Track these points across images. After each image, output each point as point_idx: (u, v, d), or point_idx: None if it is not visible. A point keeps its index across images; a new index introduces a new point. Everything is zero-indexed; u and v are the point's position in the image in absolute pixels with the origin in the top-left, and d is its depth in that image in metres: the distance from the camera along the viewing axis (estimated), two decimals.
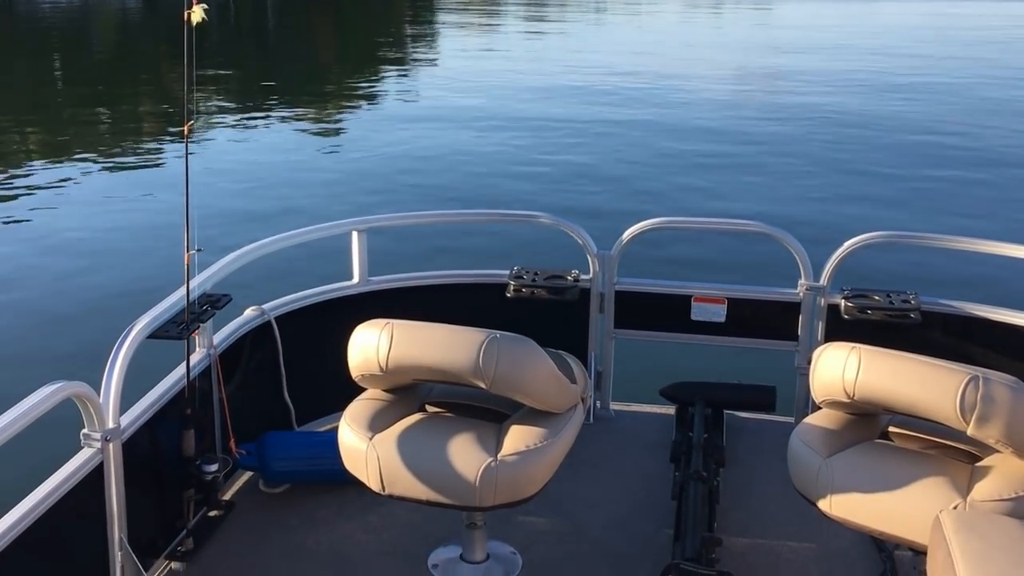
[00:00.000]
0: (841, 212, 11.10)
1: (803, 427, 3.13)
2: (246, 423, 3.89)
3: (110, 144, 15.34)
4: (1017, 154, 14.43)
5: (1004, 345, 4.05)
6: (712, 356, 5.09)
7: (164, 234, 9.67)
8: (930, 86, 20.60)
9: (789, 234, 4.26)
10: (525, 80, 20.89)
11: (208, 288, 3.68)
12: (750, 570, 3.40)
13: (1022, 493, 2.77)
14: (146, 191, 12.18)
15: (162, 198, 11.61)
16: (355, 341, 3.15)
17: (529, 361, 3.01)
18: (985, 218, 11.03)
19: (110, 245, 9.87)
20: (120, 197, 11.93)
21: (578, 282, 4.38)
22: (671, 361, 5.54)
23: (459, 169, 13.26)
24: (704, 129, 15.99)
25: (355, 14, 33.82)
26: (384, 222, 4.45)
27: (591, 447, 4.18)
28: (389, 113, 17.83)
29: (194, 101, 3.23)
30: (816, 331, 4.24)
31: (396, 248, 8.34)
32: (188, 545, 3.44)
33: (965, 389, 2.72)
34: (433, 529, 3.61)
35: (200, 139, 15.43)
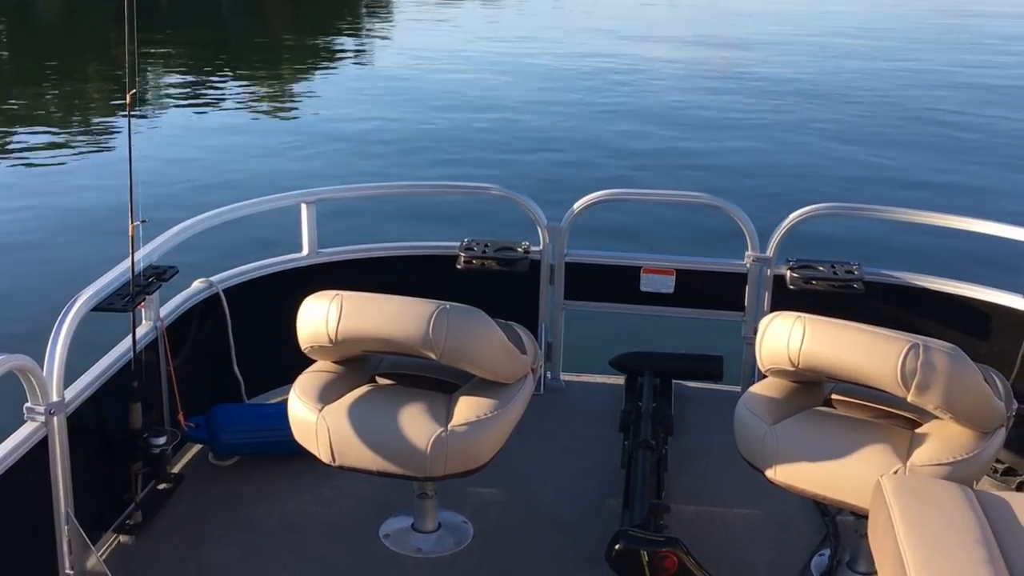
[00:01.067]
0: (788, 184, 11.22)
1: (749, 395, 3.18)
2: (195, 396, 3.86)
3: (54, 116, 15.05)
4: (962, 126, 14.66)
5: (944, 314, 4.14)
6: (661, 327, 5.14)
7: (110, 206, 9.51)
8: (881, 60, 20.82)
9: (736, 206, 4.30)
10: (479, 55, 20.77)
11: (155, 260, 3.64)
12: (698, 536, 3.46)
13: (960, 457, 2.85)
14: (92, 164, 11.97)
15: (108, 170, 11.41)
16: (304, 313, 3.14)
17: (479, 332, 3.02)
18: (928, 190, 11.22)
19: (54, 218, 9.70)
20: (65, 169, 11.71)
21: (528, 254, 4.39)
22: (621, 332, 5.58)
23: (410, 142, 13.18)
24: (656, 102, 16.03)
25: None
26: (333, 194, 4.43)
27: (542, 417, 4.21)
28: (341, 87, 17.64)
29: (136, 70, 3.16)
30: (762, 301, 4.30)
31: (346, 220, 8.29)
32: (136, 518, 3.43)
33: (906, 357, 2.78)
34: (384, 500, 3.63)
35: (149, 112, 15.17)
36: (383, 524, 3.50)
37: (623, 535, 3.07)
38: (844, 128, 14.36)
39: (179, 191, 10.40)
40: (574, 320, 4.59)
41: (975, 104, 16.15)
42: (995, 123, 14.83)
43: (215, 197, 4.29)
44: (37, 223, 9.61)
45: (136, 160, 3.27)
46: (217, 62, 20.15)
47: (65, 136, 13.58)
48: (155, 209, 3.37)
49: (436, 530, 3.44)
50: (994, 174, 11.99)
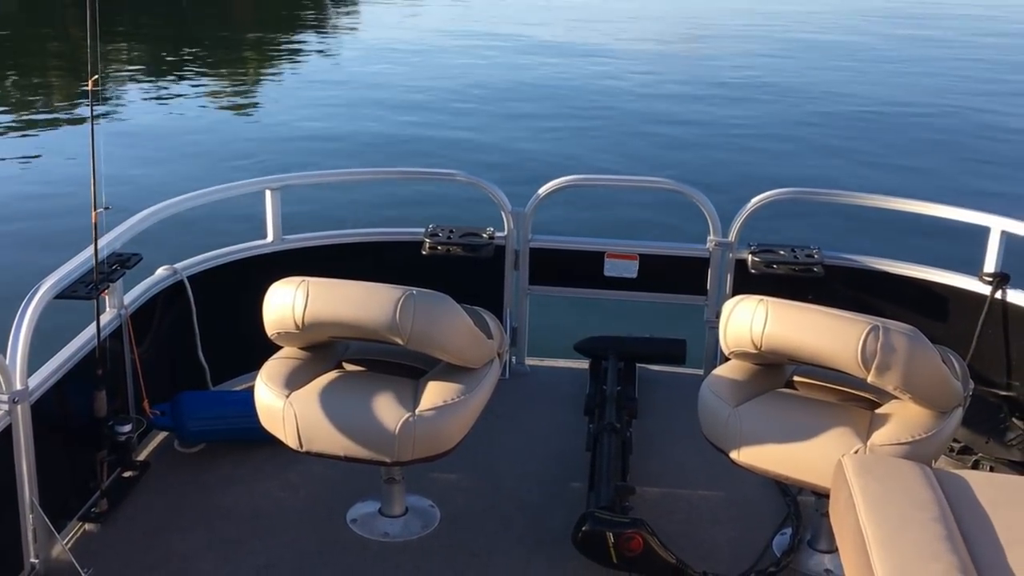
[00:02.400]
0: (751, 169, 11.31)
1: (712, 378, 3.22)
2: (160, 383, 3.85)
3: (13, 103, 14.80)
4: (919, 112, 14.84)
5: (902, 296, 4.21)
6: (625, 311, 5.18)
7: (73, 194, 9.39)
8: (843, 51, 21.00)
9: (698, 191, 4.34)
10: (444, 45, 20.65)
11: (118, 247, 3.62)
12: (662, 516, 3.51)
13: (919, 437, 2.90)
14: (54, 150, 11.81)
15: (70, 159, 11.26)
16: (270, 299, 3.14)
17: (446, 317, 3.03)
18: (886, 174, 11.36)
19: (15, 205, 9.55)
20: (27, 156, 11.54)
21: (493, 239, 4.41)
22: (585, 316, 5.62)
23: (376, 129, 13.12)
24: (619, 89, 16.06)
25: None
26: (298, 180, 4.42)
27: (507, 402, 4.24)
28: (307, 74, 17.50)
29: (99, 55, 3.14)
30: (724, 286, 4.35)
31: (311, 207, 8.25)
32: (102, 506, 3.41)
33: (866, 338, 2.83)
34: (351, 485, 3.64)
35: (112, 99, 14.96)
36: (350, 509, 3.51)
37: (589, 517, 3.10)
38: (805, 114, 14.49)
39: (141, 180, 10.29)
40: (539, 305, 4.62)
41: (935, 93, 16.34)
42: (954, 112, 15.03)
43: (178, 186, 4.27)
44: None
45: (99, 147, 3.25)
46: (179, 51, 19.89)
47: (25, 124, 13.37)
48: (118, 197, 3.35)
49: (403, 514, 3.46)
50: (950, 161, 12.15)
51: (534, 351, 4.66)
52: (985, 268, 4.04)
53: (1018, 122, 14.34)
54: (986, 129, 13.87)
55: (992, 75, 18.26)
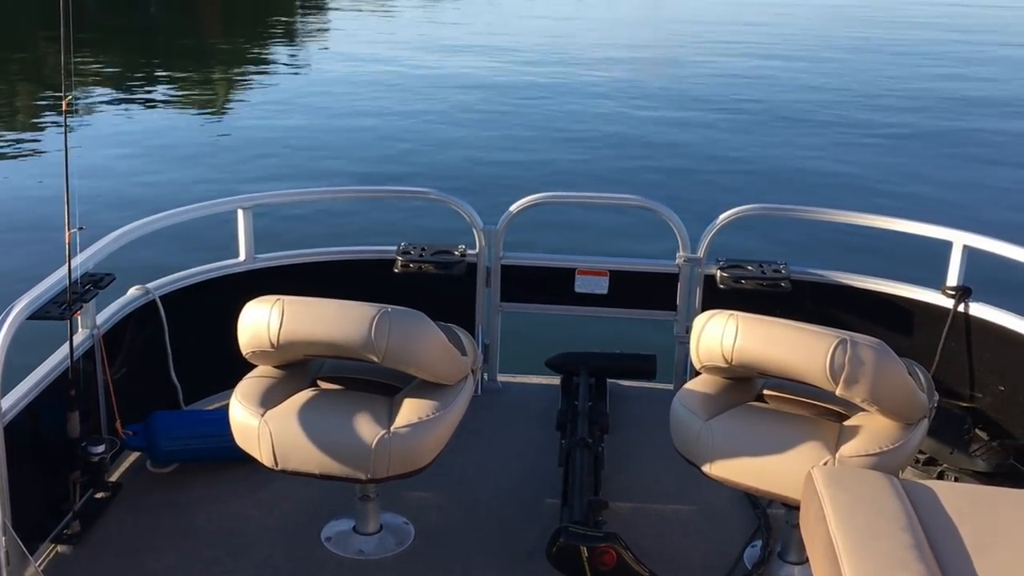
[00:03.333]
0: (719, 186, 11.42)
1: (684, 392, 3.27)
2: (133, 403, 3.84)
3: None
4: (886, 127, 15.05)
5: (868, 310, 4.28)
6: (596, 327, 5.22)
7: (46, 213, 9.32)
8: (809, 63, 21.26)
9: (667, 207, 4.39)
10: (414, 58, 20.70)
11: (91, 268, 3.61)
12: (635, 530, 3.54)
13: (886, 448, 2.96)
14: (26, 169, 11.72)
15: (43, 177, 11.18)
16: (245, 318, 3.15)
17: (420, 334, 3.06)
18: (852, 191, 11.51)
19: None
20: (10, 172, 11.47)
21: (465, 257, 4.44)
22: (556, 333, 5.65)
23: (347, 147, 13.11)
24: (591, 106, 16.15)
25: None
26: (270, 199, 4.42)
27: (480, 418, 4.26)
28: (278, 92, 17.44)
29: (72, 75, 3.15)
30: (694, 301, 4.40)
31: (283, 226, 8.25)
32: (75, 528, 3.39)
33: (834, 352, 2.88)
34: (326, 503, 3.64)
35: (84, 117, 14.85)
36: (325, 527, 3.52)
37: (563, 532, 3.12)
38: (773, 131, 14.65)
39: (113, 198, 10.23)
40: (511, 322, 4.65)
41: (902, 109, 16.58)
42: (918, 128, 15.25)
43: (151, 204, 4.25)
44: None
45: (71, 167, 3.25)
46: (148, 64, 19.80)
47: (15, 139, 13.27)
48: (89, 215, 3.35)
49: (378, 532, 3.47)
50: (919, 174, 12.33)
51: (506, 367, 4.68)
52: (948, 282, 4.11)
53: (981, 137, 14.59)
54: (949, 145, 14.09)
55: (955, 90, 18.57)
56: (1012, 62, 22.53)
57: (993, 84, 19.33)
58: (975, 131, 15.00)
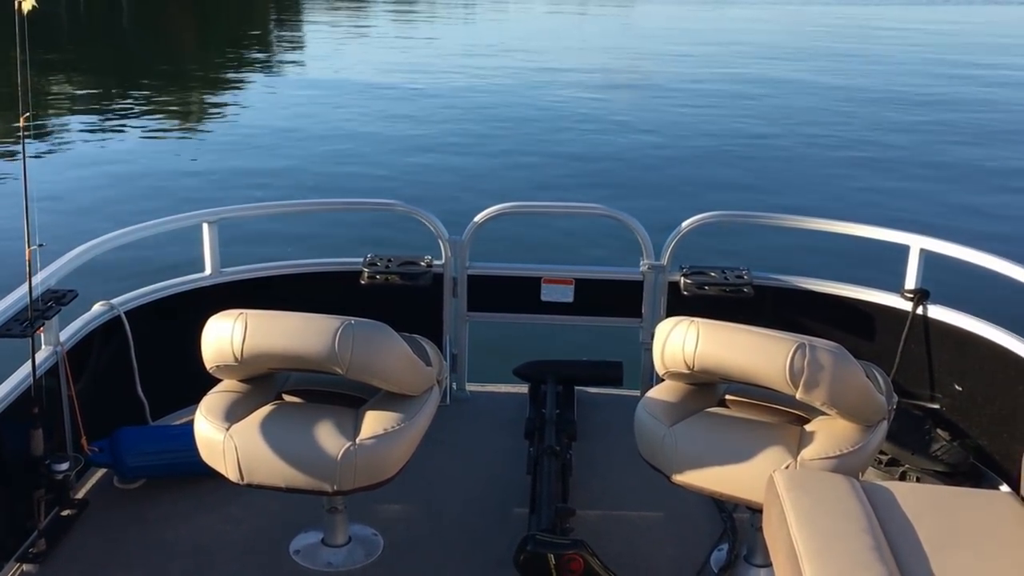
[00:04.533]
0: (682, 194, 11.51)
1: (647, 399, 3.29)
2: (99, 420, 3.82)
3: None
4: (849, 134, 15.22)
5: (829, 314, 4.34)
6: (562, 335, 5.25)
7: (6, 231, 9.23)
8: (773, 71, 21.46)
9: (631, 216, 4.43)
10: (386, 78, 20.69)
11: (53, 284, 3.60)
12: (603, 537, 3.56)
13: (846, 450, 3.00)
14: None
15: (3, 195, 11.09)
16: (208, 332, 3.15)
17: (384, 346, 3.07)
18: (811, 196, 11.64)
19: None
20: None
21: (431, 267, 4.46)
22: (523, 341, 5.68)
23: (314, 162, 13.11)
24: (555, 121, 16.22)
25: (216, 9, 32.65)
26: (235, 212, 4.42)
27: (448, 428, 4.27)
28: (248, 108, 17.42)
29: (30, 91, 3.13)
30: (658, 308, 4.44)
31: (250, 240, 8.22)
32: (40, 546, 3.37)
33: (794, 356, 2.92)
34: (294, 516, 3.64)
35: (49, 133, 14.75)
36: (293, 540, 3.52)
37: (530, 540, 3.14)
38: (735, 139, 14.78)
39: (80, 214, 10.16)
40: (478, 331, 4.67)
41: (865, 115, 16.79)
42: (878, 133, 15.44)
43: (117, 219, 4.23)
44: None
45: (34, 183, 3.24)
46: (118, 82, 19.68)
47: None
48: (55, 230, 3.34)
49: (346, 544, 3.47)
50: (880, 181, 12.49)
51: (474, 377, 4.70)
52: (906, 285, 4.18)
53: (936, 145, 14.79)
54: (906, 151, 14.28)
55: (915, 95, 18.81)
56: (972, 68, 22.87)
57: (950, 90, 19.61)
58: (930, 138, 15.22)
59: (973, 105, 18.01)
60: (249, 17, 31.42)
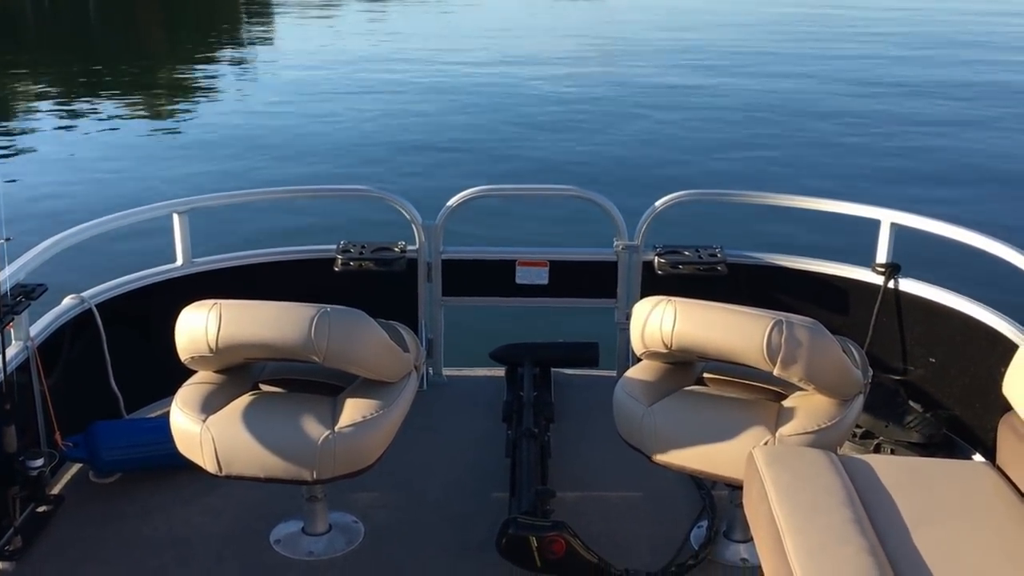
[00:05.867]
0: (655, 172, 11.54)
1: (625, 379, 3.30)
2: (72, 415, 3.78)
3: None
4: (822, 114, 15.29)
5: (802, 290, 4.36)
6: (538, 317, 5.25)
7: None
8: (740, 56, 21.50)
9: (603, 196, 4.43)
10: (356, 64, 20.54)
11: (21, 278, 3.55)
12: (583, 517, 3.57)
13: (824, 425, 3.02)
14: None
15: None
16: (182, 323, 3.12)
17: (361, 333, 3.05)
18: (784, 174, 11.69)
19: None
20: None
21: (405, 253, 4.44)
22: (499, 324, 5.68)
23: (285, 151, 13.01)
24: (525, 100, 16.21)
25: (184, 6, 32.22)
26: (206, 202, 4.38)
27: (426, 413, 4.27)
28: (218, 100, 17.23)
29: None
30: (633, 288, 4.44)
31: (222, 229, 8.17)
32: (16, 543, 3.34)
33: (770, 333, 2.93)
34: (273, 506, 3.63)
35: (14, 127, 14.56)
36: (273, 530, 3.50)
37: (512, 523, 3.15)
38: (703, 117, 14.82)
39: (50, 208, 10.03)
40: (454, 316, 4.66)
41: (836, 95, 16.87)
42: (842, 111, 15.53)
43: (88, 213, 4.18)
44: None
45: (2, 178, 3.20)
46: (87, 74, 19.44)
47: None
48: (20, 221, 3.29)
49: (327, 532, 3.46)
50: (841, 158, 12.57)
51: (451, 361, 4.69)
52: (877, 259, 4.21)
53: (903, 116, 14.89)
54: (873, 125, 14.38)
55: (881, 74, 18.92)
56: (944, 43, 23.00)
57: (922, 67, 19.73)
58: (896, 112, 15.32)
59: (949, 86, 18.11)
60: (218, 10, 31.07)
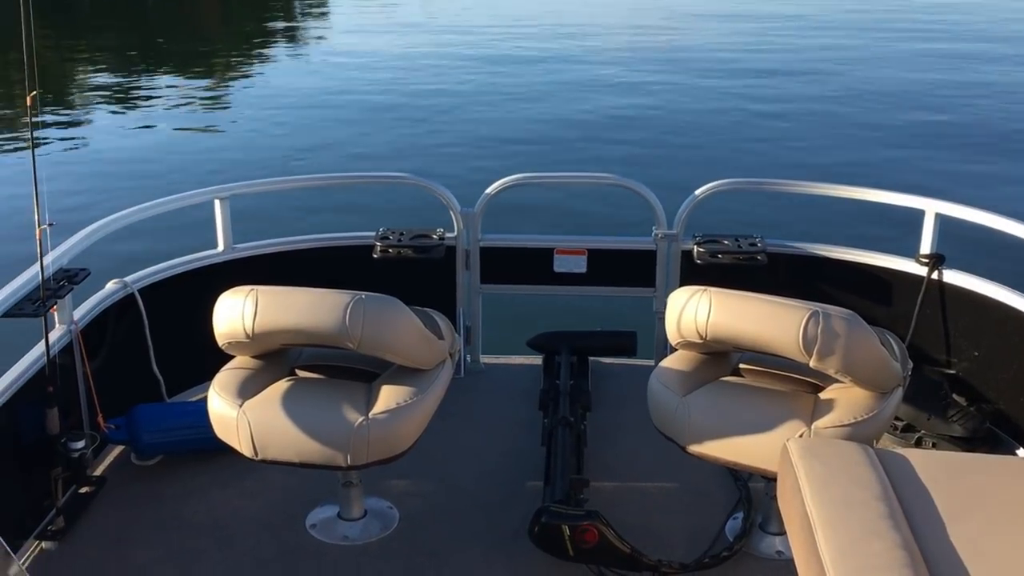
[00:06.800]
0: (695, 162, 11.44)
1: (660, 369, 3.28)
2: (115, 397, 3.84)
3: None
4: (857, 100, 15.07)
5: (844, 280, 4.30)
6: (576, 306, 5.24)
7: (22, 211, 9.27)
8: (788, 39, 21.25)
9: (643, 185, 4.40)
10: (408, 48, 20.54)
11: (65, 263, 3.61)
12: (617, 507, 3.56)
13: (861, 418, 2.98)
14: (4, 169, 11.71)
15: (22, 175, 11.14)
16: (219, 309, 3.15)
17: (394, 320, 3.07)
18: (826, 163, 11.54)
19: None
20: None
21: (443, 240, 4.45)
22: (537, 313, 5.67)
23: (331, 137, 13.06)
24: (571, 91, 16.12)
25: None
26: (247, 188, 4.42)
27: (463, 401, 4.28)
28: (269, 83, 17.33)
29: (36, 71, 3.14)
30: (672, 277, 4.42)
31: (263, 215, 8.23)
32: (59, 524, 3.40)
33: (806, 324, 2.90)
34: (310, 490, 3.66)
35: (68, 112, 14.76)
36: (309, 514, 3.54)
37: (545, 511, 3.15)
38: (747, 106, 14.65)
39: (104, 192, 10.17)
40: (492, 303, 4.66)
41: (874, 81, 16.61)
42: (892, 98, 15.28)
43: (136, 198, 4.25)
44: None
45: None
46: (142, 60, 19.66)
47: None
48: (68, 208, 3.34)
49: (362, 517, 3.49)
50: (887, 147, 12.37)
51: (489, 349, 4.70)
52: (921, 250, 4.14)
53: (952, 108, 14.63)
54: (921, 115, 14.14)
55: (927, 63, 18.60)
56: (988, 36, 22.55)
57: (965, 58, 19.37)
58: (945, 101, 15.06)
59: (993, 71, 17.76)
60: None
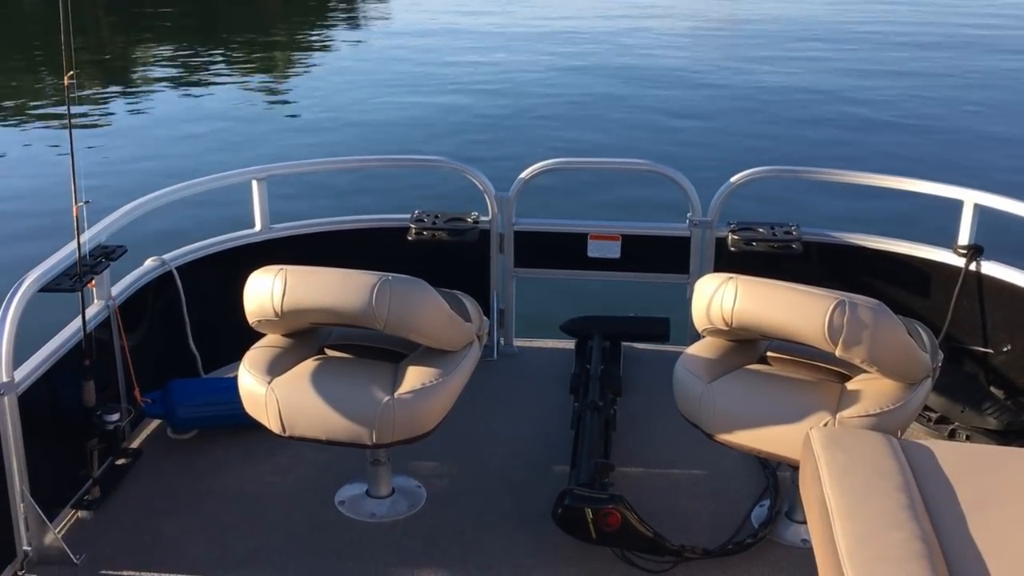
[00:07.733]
0: (731, 149, 11.33)
1: (686, 356, 3.28)
2: (152, 372, 3.92)
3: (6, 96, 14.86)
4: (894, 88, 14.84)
5: (879, 270, 4.26)
6: (609, 291, 5.23)
7: (60, 190, 9.44)
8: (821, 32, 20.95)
9: (678, 171, 4.38)
10: (460, 32, 20.56)
11: (103, 240, 3.68)
12: (643, 493, 3.57)
13: (886, 408, 2.96)
14: (41, 147, 11.89)
15: (64, 153, 11.33)
16: (249, 287, 3.21)
17: (420, 301, 3.10)
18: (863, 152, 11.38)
19: (7, 202, 9.61)
20: (18, 152, 11.61)
21: (478, 224, 4.47)
22: (571, 297, 5.68)
23: (373, 119, 13.14)
24: (607, 77, 16.04)
25: None
26: (284, 169, 4.47)
27: (496, 383, 4.31)
28: (324, 66, 17.50)
29: (72, 52, 3.19)
30: (705, 264, 4.40)
31: (300, 196, 8.31)
32: (95, 493, 3.49)
33: (832, 313, 2.88)
34: (340, 467, 3.71)
35: (112, 92, 14.99)
36: (338, 491, 3.59)
37: (568, 494, 3.16)
38: (784, 95, 14.47)
39: (137, 171, 10.34)
40: (526, 287, 4.68)
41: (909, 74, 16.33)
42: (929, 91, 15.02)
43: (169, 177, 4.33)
44: None
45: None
46: (201, 40, 19.88)
47: (20, 119, 13.41)
48: (107, 185, 3.40)
49: (390, 495, 3.53)
50: (925, 137, 12.15)
51: (522, 332, 4.72)
52: (959, 241, 4.08)
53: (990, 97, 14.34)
54: (960, 104, 13.87)
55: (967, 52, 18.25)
56: None
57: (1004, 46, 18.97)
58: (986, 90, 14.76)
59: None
60: None
